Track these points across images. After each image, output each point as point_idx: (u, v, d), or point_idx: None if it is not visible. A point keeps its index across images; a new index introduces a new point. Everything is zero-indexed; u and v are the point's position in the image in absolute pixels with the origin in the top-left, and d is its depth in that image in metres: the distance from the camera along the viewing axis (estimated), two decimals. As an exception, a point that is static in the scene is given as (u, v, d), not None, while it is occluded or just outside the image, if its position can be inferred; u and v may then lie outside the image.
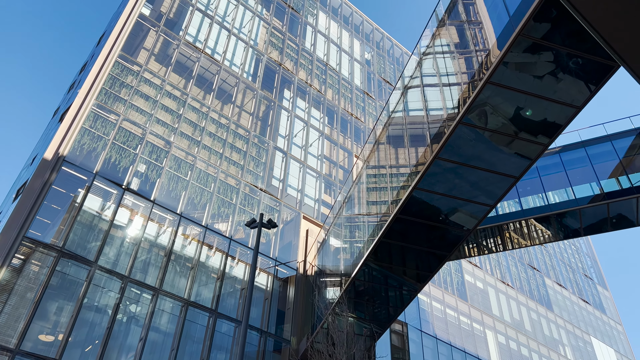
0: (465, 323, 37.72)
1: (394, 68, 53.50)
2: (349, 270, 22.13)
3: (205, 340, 23.29)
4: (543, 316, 46.30)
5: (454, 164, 15.75)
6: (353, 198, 24.45)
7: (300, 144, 35.57)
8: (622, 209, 22.13)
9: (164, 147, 26.98)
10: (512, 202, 24.29)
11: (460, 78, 15.56)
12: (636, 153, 22.57)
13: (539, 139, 14.64)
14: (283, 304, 27.56)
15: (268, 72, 37.35)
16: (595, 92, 12.99)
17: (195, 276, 24.71)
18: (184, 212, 25.82)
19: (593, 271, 61.49)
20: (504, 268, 46.53)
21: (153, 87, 28.64)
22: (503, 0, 13.00)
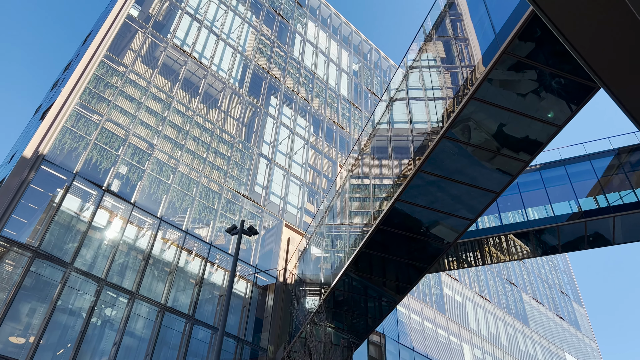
0: (442, 336, 37.86)
1: (380, 80, 53.94)
2: (329, 280, 22.08)
3: (181, 346, 22.97)
4: (519, 331, 46.72)
5: (437, 177, 15.88)
6: (336, 207, 24.47)
7: (285, 151, 35.55)
8: (599, 228, 22.52)
9: (147, 149, 26.72)
10: (493, 217, 24.54)
11: (446, 93, 15.74)
12: (614, 173, 23.03)
13: (520, 156, 14.85)
14: (261, 312, 27.35)
15: (255, 78, 37.34)
16: (576, 112, 13.25)
17: (173, 281, 24.40)
18: (165, 216, 25.54)
19: (569, 288, 62.34)
20: (483, 282, 46.91)
21: (138, 89, 28.40)
22: (489, 18, 13.23)
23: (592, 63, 6.36)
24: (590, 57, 6.32)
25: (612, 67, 6.55)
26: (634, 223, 21.74)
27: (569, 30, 6.17)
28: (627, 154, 23.22)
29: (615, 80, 6.73)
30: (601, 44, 6.28)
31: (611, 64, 6.55)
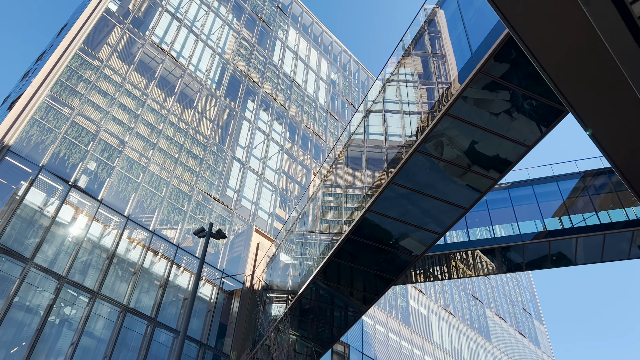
0: (406, 348, 38.08)
1: (358, 91, 54.36)
2: (296, 288, 21.97)
3: (142, 349, 22.46)
4: (481, 346, 47.38)
5: (408, 190, 16.03)
6: (307, 215, 24.43)
7: (259, 156, 35.38)
8: (562, 248, 23.09)
9: (118, 146, 26.20)
10: (460, 232, 24.90)
11: (421, 107, 15.95)
12: (579, 195, 23.70)
13: (490, 174, 15.14)
14: (226, 317, 27.00)
15: (233, 81, 37.14)
16: (546, 134, 13.59)
17: (137, 282, 23.89)
18: (132, 215, 25.04)
19: (531, 305, 63.64)
20: (448, 296, 47.47)
21: (112, 84, 27.89)
22: (467, 37, 13.49)
23: (561, 87, 6.55)
24: (559, 81, 6.50)
25: (580, 93, 6.76)
26: (595, 245, 22.39)
27: (542, 55, 6.34)
28: (592, 178, 23.95)
29: (582, 106, 6.94)
30: (571, 70, 6.47)
31: (579, 89, 6.76)
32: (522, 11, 5.91)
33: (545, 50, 6.25)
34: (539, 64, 6.33)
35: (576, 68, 6.40)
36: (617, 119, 6.94)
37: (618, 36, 4.58)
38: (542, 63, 6.31)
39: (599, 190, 23.38)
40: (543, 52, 6.25)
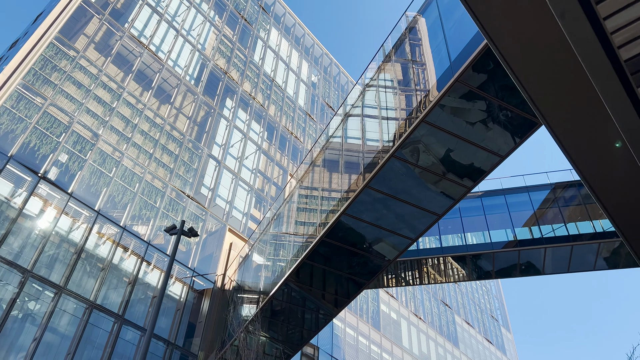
0: (375, 352, 38.26)
1: (338, 94, 54.52)
2: (268, 289, 21.86)
3: (107, 346, 22.01)
4: (449, 352, 47.95)
5: (383, 194, 16.12)
6: (282, 216, 24.34)
7: (236, 155, 35.11)
8: (531, 257, 23.55)
9: (91, 139, 25.67)
10: (433, 239, 25.17)
11: (399, 114, 16.07)
12: (549, 206, 24.22)
13: (464, 182, 15.34)
14: (195, 317, 26.67)
15: (212, 78, 36.80)
16: (519, 145, 13.85)
17: (105, 278, 23.41)
18: (103, 209, 24.54)
19: (499, 313, 64.74)
20: (419, 301, 47.91)
21: (88, 76, 27.31)
22: (446, 46, 13.66)
23: (536, 99, 6.68)
24: (534, 94, 6.63)
25: (553, 106, 6.91)
26: (562, 255, 22.90)
27: (518, 67, 6.46)
28: (562, 190, 24.51)
29: (555, 118, 7.09)
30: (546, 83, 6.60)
31: (553, 102, 6.90)
32: (501, 23, 6.01)
33: (522, 63, 6.36)
34: (515, 76, 6.44)
35: (551, 81, 6.53)
36: (588, 133, 7.11)
37: (590, 51, 4.69)
38: (518, 75, 6.42)
39: (568, 202, 23.94)
40: (520, 65, 6.36)
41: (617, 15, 4.38)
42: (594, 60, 4.73)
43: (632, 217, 8.44)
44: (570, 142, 7.15)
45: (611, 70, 4.74)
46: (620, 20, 4.45)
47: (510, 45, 6.20)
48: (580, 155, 7.31)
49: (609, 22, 4.44)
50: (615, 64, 4.76)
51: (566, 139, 7.12)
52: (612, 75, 4.79)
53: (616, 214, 8.42)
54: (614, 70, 4.75)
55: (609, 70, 4.74)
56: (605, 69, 4.76)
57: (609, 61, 4.70)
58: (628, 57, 4.72)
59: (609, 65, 4.72)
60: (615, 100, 5.00)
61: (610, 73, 4.75)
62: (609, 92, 4.95)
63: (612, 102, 5.02)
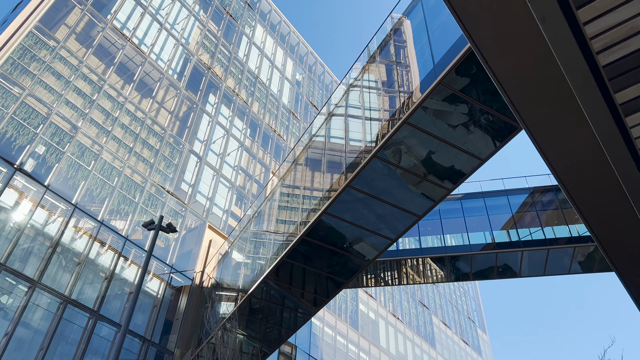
0: (352, 351, 38.39)
1: (322, 94, 54.52)
2: (247, 287, 21.76)
3: (81, 342, 21.65)
4: (426, 352, 48.37)
5: (365, 194, 16.17)
6: (263, 214, 24.25)
7: (217, 151, 34.86)
8: (508, 260, 23.89)
9: (70, 131, 25.21)
10: (413, 240, 25.34)
11: (382, 114, 16.14)
12: (527, 210, 24.59)
13: (444, 184, 15.47)
14: (172, 314, 26.41)
15: (195, 73, 36.47)
16: (499, 148, 14.03)
17: (81, 273, 23.02)
18: (80, 203, 24.13)
19: (476, 315, 65.54)
20: (397, 302, 48.22)
21: (68, 67, 26.82)
22: (430, 49, 13.75)
23: (517, 104, 6.76)
24: (515, 99, 6.71)
25: (534, 111, 7.00)
26: (539, 259, 23.28)
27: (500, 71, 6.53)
28: (540, 194, 24.90)
29: (535, 124, 7.19)
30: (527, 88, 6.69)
31: (533, 107, 6.99)
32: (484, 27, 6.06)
33: (504, 66, 6.44)
34: (497, 79, 6.51)
35: (532, 86, 6.62)
36: (566, 139, 7.23)
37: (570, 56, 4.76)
38: (500, 79, 6.50)
39: (546, 207, 24.34)
40: (501, 68, 6.43)
41: (596, 21, 4.46)
42: (573, 65, 4.80)
43: (607, 223, 8.61)
44: (549, 147, 7.26)
45: (589, 75, 4.82)
46: (600, 26, 4.52)
47: (492, 48, 6.27)
48: (559, 160, 7.43)
49: (588, 27, 4.51)
50: (593, 70, 4.84)
51: (545, 144, 7.23)
52: (591, 81, 4.87)
53: (592, 219, 8.58)
54: (592, 76, 4.84)
55: (588, 75, 4.82)
56: (583, 74, 4.83)
57: (588, 66, 4.77)
58: (606, 62, 4.80)
59: (588, 70, 4.79)
60: (593, 106, 5.09)
61: (589, 78, 4.83)
62: (587, 97, 5.04)
63: (590, 108, 5.10)
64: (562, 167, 7.59)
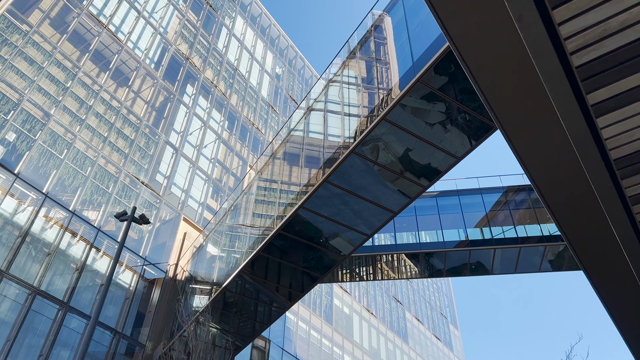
0: (326, 346, 38.58)
1: (302, 88, 54.36)
2: (221, 280, 21.62)
3: (50, 334, 21.22)
4: (398, 347, 48.93)
5: (342, 190, 16.21)
6: (240, 207, 24.10)
7: (194, 143, 34.46)
8: (481, 257, 24.29)
9: (42, 118, 24.58)
10: (388, 236, 25.55)
11: (361, 111, 16.17)
12: (500, 209, 25.01)
13: (420, 181, 15.62)
14: (145, 306, 26.09)
15: (173, 63, 35.93)
16: (475, 147, 14.22)
17: (51, 263, 22.54)
18: (51, 192, 23.58)
19: (448, 310, 66.54)
20: (371, 297, 48.61)
21: (41, 52, 26.11)
22: (410, 47, 13.82)
23: (492, 103, 6.85)
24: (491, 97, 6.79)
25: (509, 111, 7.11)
26: (510, 257, 23.74)
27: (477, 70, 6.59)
28: (514, 193, 25.36)
29: (510, 124, 7.30)
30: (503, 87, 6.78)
31: (509, 107, 7.10)
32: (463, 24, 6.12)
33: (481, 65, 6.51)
34: (474, 78, 6.58)
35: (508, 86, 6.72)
36: (540, 139, 7.36)
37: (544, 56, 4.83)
38: (477, 78, 6.57)
39: (518, 206, 24.80)
40: (479, 68, 6.50)
41: (571, 22, 4.53)
42: (547, 65, 4.87)
43: (577, 223, 8.81)
44: (522, 146, 7.38)
45: (563, 76, 4.90)
46: (574, 27, 4.60)
47: (470, 47, 6.33)
48: (532, 160, 7.57)
49: (563, 27, 4.58)
50: (567, 70, 4.93)
51: (519, 143, 7.35)
52: (564, 81, 4.96)
53: (562, 218, 8.77)
54: (566, 76, 4.92)
55: (561, 75, 4.90)
56: (557, 75, 4.92)
57: (562, 67, 4.86)
58: (580, 63, 4.89)
59: (562, 70, 4.88)
60: (566, 106, 5.19)
61: (562, 79, 4.91)
62: (560, 97, 5.13)
63: (563, 108, 5.20)
64: (535, 166, 7.73)
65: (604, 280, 10.35)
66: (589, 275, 10.31)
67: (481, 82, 6.56)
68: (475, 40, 6.18)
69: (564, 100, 5.13)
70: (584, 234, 9.03)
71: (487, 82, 6.59)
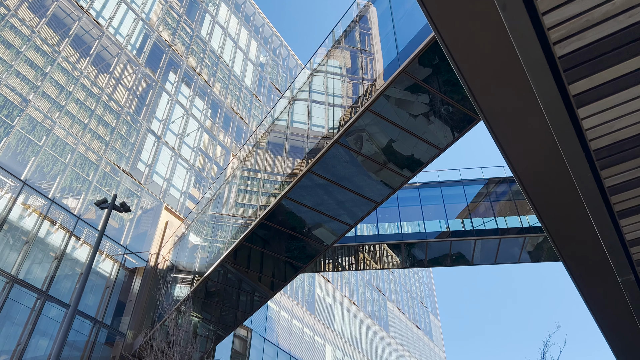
0: (308, 335, 38.79)
1: (286, 77, 54.06)
2: (203, 269, 21.53)
3: (28, 323, 20.93)
4: (379, 336, 49.43)
5: (326, 180, 16.21)
6: (222, 197, 23.96)
7: (176, 131, 34.09)
8: (462, 248, 24.58)
9: (20, 104, 24.04)
10: (371, 226, 25.68)
11: (346, 101, 16.15)
12: (481, 200, 25.30)
13: (403, 172, 15.70)
14: (125, 296, 25.87)
15: (155, 50, 35.39)
16: (458, 139, 14.32)
17: (29, 252, 22.17)
18: (29, 179, 23.14)
19: (429, 300, 67.37)
20: (353, 287, 48.93)
21: (19, 36, 25.48)
22: (395, 37, 13.81)
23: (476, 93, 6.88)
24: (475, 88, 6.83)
25: (493, 102, 7.16)
26: (490, 248, 24.07)
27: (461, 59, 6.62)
28: (495, 185, 25.66)
29: (493, 115, 7.36)
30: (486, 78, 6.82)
31: (493, 99, 7.15)
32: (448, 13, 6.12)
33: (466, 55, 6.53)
34: (458, 68, 6.61)
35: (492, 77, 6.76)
36: (522, 130, 7.44)
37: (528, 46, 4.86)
38: (461, 67, 6.59)
39: (499, 197, 25.12)
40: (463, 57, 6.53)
41: (555, 11, 4.57)
42: (530, 55, 4.91)
43: (556, 213, 8.95)
44: (505, 137, 7.45)
45: (546, 66, 4.95)
46: (558, 17, 4.64)
47: (455, 36, 6.34)
48: (514, 151, 7.65)
49: (547, 17, 4.61)
50: (550, 60, 4.97)
51: (501, 133, 7.42)
52: (547, 71, 5.01)
53: (542, 209, 8.90)
54: (548, 66, 4.97)
55: (544, 65, 4.95)
56: (540, 65, 4.96)
57: (545, 57, 4.90)
58: (562, 53, 4.94)
59: (545, 61, 4.92)
60: (548, 97, 5.24)
61: (545, 69, 4.96)
62: (543, 88, 5.18)
63: (545, 98, 5.25)
64: (517, 156, 7.82)
65: (582, 271, 10.56)
66: (567, 265, 10.50)
67: (465, 72, 6.59)
68: (460, 30, 6.19)
69: (547, 91, 5.17)
70: (563, 224, 9.18)
71: (471, 72, 6.62)
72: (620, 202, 6.90)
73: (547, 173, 7.91)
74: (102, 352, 23.50)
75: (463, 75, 6.61)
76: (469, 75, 6.61)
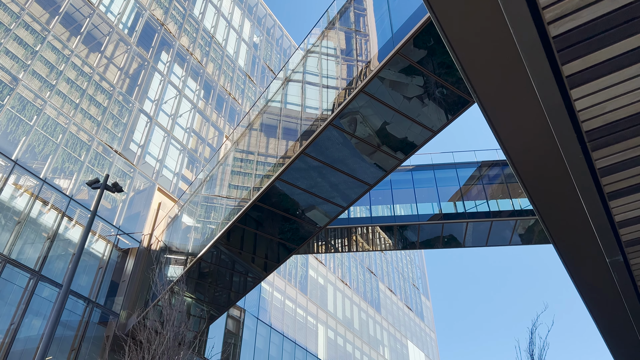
0: (300, 315, 39.19)
1: (280, 58, 53.59)
2: (197, 250, 21.60)
3: (21, 303, 20.98)
4: (371, 317, 50.04)
5: (319, 162, 16.22)
6: (215, 178, 23.92)
7: (169, 112, 33.83)
8: (453, 231, 24.79)
9: (10, 83, 23.72)
10: (364, 208, 25.80)
11: (340, 83, 16.07)
12: (474, 183, 25.45)
13: (397, 155, 15.73)
14: (119, 276, 25.95)
15: (147, 29, 34.90)
16: (451, 121, 14.34)
17: (22, 232, 22.11)
18: (21, 159, 22.96)
19: (420, 282, 68.09)
20: (346, 268, 49.32)
21: (8, 14, 25.02)
22: (389, 18, 13.71)
23: (470, 75, 6.88)
24: (469, 69, 6.82)
25: (487, 85, 7.16)
26: (482, 230, 24.29)
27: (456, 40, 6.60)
28: (487, 168, 25.79)
29: (488, 98, 7.37)
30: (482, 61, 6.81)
31: (487, 81, 7.15)
32: (444, -5, 6.09)
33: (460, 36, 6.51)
34: (452, 49, 6.59)
35: (487, 57, 6.75)
36: (516, 111, 7.46)
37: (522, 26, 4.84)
38: (455, 48, 6.58)
39: (492, 180, 25.27)
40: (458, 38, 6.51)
41: (550, -10, 4.55)
42: (525, 35, 4.90)
43: (547, 194, 9.04)
44: (498, 117, 7.48)
45: (540, 46, 4.95)
46: (553, -4, 4.62)
47: (450, 16, 6.31)
48: (506, 132, 7.68)
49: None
50: (544, 40, 4.97)
51: (494, 114, 7.44)
52: (541, 52, 5.01)
53: (533, 190, 8.98)
54: (542, 47, 4.97)
55: (538, 46, 4.95)
56: (534, 45, 4.95)
57: (539, 37, 4.89)
58: (556, 33, 4.93)
59: (539, 40, 4.92)
60: (541, 77, 5.25)
61: (539, 49, 4.96)
62: (536, 68, 5.18)
63: (538, 79, 5.26)
64: (509, 137, 7.86)
65: (571, 251, 10.71)
66: (556, 246, 10.64)
67: (459, 52, 6.58)
68: (455, 9, 6.16)
69: (540, 71, 5.18)
70: (554, 204, 9.28)
71: (465, 52, 6.61)
72: (610, 184, 6.97)
73: (538, 154, 7.96)
74: (96, 331, 23.64)
75: (457, 55, 6.60)
76: (463, 55, 6.60)
